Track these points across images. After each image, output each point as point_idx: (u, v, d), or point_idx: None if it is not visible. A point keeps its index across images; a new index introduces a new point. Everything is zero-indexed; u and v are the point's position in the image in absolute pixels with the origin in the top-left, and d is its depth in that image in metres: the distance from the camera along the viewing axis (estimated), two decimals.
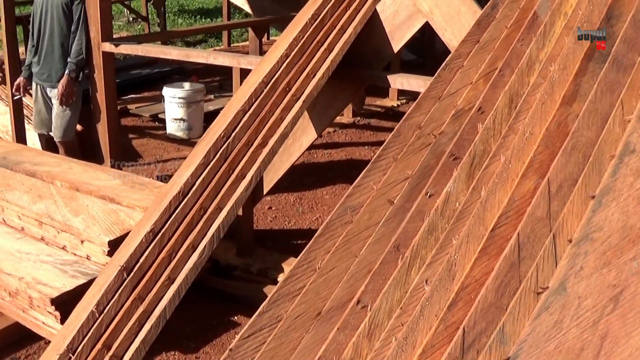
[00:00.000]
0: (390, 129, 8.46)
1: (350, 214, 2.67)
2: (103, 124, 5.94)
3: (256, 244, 4.99)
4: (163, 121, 8.58)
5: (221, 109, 8.83)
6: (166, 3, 15.30)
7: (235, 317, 4.36)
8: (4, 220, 4.58)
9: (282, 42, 4.34)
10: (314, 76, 4.09)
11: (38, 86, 6.17)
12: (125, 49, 5.70)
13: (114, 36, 6.22)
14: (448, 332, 2.14)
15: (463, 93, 3.17)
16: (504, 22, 3.60)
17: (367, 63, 4.52)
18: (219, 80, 10.57)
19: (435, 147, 2.90)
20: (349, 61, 4.31)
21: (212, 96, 9.50)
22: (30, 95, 6.53)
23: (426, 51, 11.43)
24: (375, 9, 4.46)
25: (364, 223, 2.63)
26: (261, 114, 3.94)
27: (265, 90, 4.01)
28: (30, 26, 6.25)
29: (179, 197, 3.65)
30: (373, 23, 4.45)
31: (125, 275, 3.40)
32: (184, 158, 7.41)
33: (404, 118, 3.09)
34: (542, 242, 2.28)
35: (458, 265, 2.35)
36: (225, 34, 14.99)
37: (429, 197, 2.67)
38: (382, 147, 2.98)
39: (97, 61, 5.82)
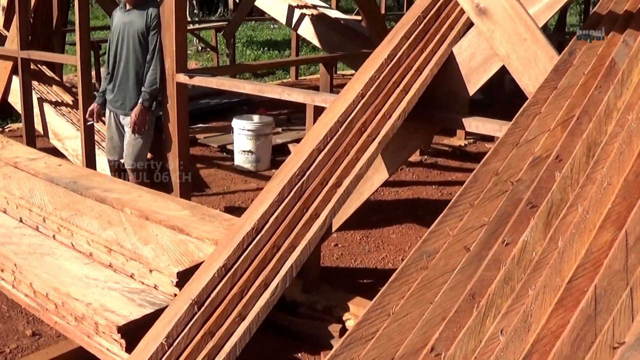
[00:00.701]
0: (457, 169, 8.48)
1: (425, 259, 2.67)
2: (174, 153, 5.99)
3: (322, 281, 4.98)
4: (231, 152, 8.66)
5: (289, 142, 9.03)
6: (235, 34, 15.44)
7: (299, 354, 4.36)
8: (73, 245, 4.63)
9: (357, 81, 4.35)
10: (389, 117, 4.09)
11: (111, 113, 6.26)
12: (200, 80, 5.76)
13: None
14: None
15: (540, 140, 3.15)
16: (581, 68, 3.59)
17: (442, 105, 4.50)
18: (287, 113, 10.64)
19: (513, 195, 2.88)
20: (423, 102, 4.31)
21: (280, 129, 9.56)
22: (103, 122, 6.62)
23: (495, 91, 11.39)
24: (452, 51, 4.46)
25: (440, 269, 2.62)
26: (336, 153, 3.94)
27: (341, 130, 4.01)
28: (107, 54, 6.34)
29: (253, 233, 3.66)
30: (449, 65, 4.44)
31: (196, 309, 3.41)
32: (251, 190, 7.54)
33: (481, 164, 3.08)
34: (619, 296, 2.25)
35: (534, 316, 2.33)
36: (293, 67, 15.13)
37: (506, 245, 2.65)
38: (459, 192, 2.97)
39: (171, 91, 5.88)
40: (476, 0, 4.12)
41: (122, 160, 6.32)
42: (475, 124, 4.29)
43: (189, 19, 16.14)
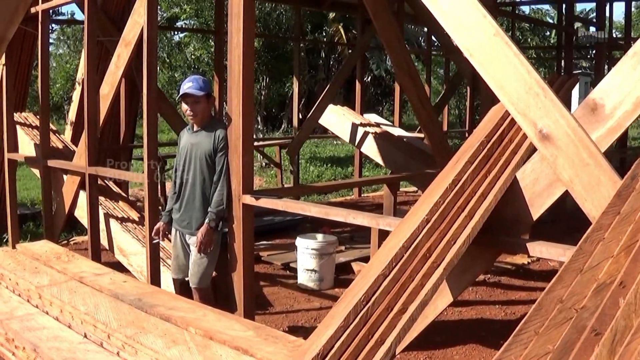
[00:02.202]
0: (521, 287, 8.40)
1: None
2: (239, 274, 6.03)
3: None
4: (294, 270, 8.69)
5: (352, 260, 9.05)
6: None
7: None
8: None
9: (422, 205, 4.39)
10: (454, 243, 4.11)
11: (177, 232, 6.35)
12: (266, 202, 5.83)
13: None
14: None
15: (604, 266, 3.15)
16: None
17: (505, 229, 4.51)
18: (349, 231, 10.68)
19: (577, 322, 2.86)
20: (487, 227, 4.32)
21: (343, 247, 9.59)
22: (169, 239, 6.71)
23: (556, 209, 11.32)
24: (515, 176, 4.49)
25: None
26: (401, 279, 3.96)
27: (406, 255, 4.04)
28: (174, 173, 6.46)
29: (318, 358, 3.67)
30: (513, 190, 4.46)
31: None
32: (314, 309, 7.55)
33: (545, 291, 3.08)
34: None
35: None
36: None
37: None
38: (523, 320, 2.96)
39: (237, 213, 5.96)
40: (539, 126, 4.17)
41: (187, 279, 6.38)
42: (539, 249, 4.28)
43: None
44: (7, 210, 9.84)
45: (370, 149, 11.44)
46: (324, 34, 32.77)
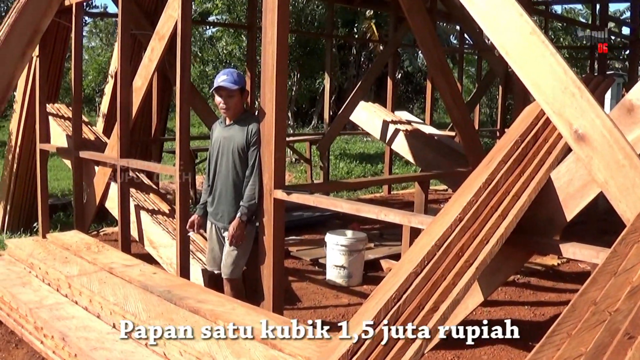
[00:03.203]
0: (550, 289, 8.35)
1: None
2: (268, 268, 6.02)
3: None
4: (323, 266, 8.69)
5: (382, 257, 9.02)
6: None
7: None
8: (165, 354, 4.70)
9: (454, 204, 4.37)
10: (487, 242, 4.08)
11: (213, 225, 6.37)
12: (297, 198, 5.82)
13: None
14: None
15: (639, 269, 3.12)
16: None
17: (538, 230, 4.48)
18: (379, 228, 10.66)
19: (610, 325, 2.84)
20: (519, 227, 4.29)
21: (372, 244, 9.57)
22: (200, 234, 6.71)
23: (588, 210, 11.25)
24: (549, 176, 4.46)
25: None
26: (433, 277, 3.94)
27: (438, 254, 4.02)
28: (207, 167, 6.48)
29: (348, 355, 3.66)
30: (547, 190, 4.43)
31: None
32: (342, 306, 7.54)
33: (579, 293, 3.06)
34: None
35: None
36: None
37: None
38: (556, 321, 2.94)
39: (268, 207, 5.96)
40: (575, 126, 4.14)
41: (217, 272, 6.39)
42: (572, 250, 4.25)
43: None
44: (38, 200, 9.91)
45: (401, 146, 11.42)
46: (356, 30, 32.72)
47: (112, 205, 8.76)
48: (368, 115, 12.81)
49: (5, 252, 7.81)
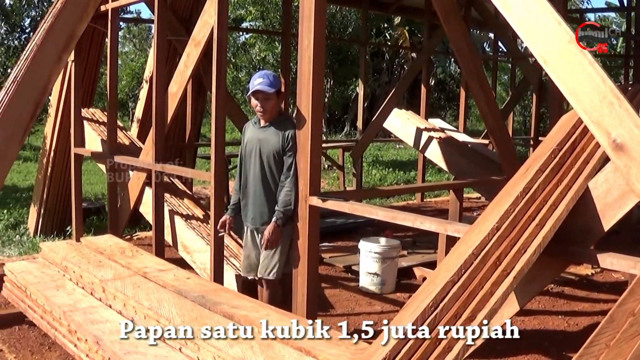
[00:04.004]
0: (584, 299, 8.29)
1: None
2: (302, 274, 6.01)
3: None
4: (356, 273, 8.68)
5: (415, 265, 9.01)
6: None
7: None
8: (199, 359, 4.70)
9: (491, 213, 4.35)
10: (524, 252, 4.07)
11: (248, 230, 6.37)
12: (333, 204, 5.81)
13: None
14: None
15: None
16: None
17: (575, 240, 4.45)
18: (412, 236, 10.63)
19: None
20: (556, 237, 4.27)
21: (405, 252, 9.55)
22: (231, 235, 6.68)
23: (621, 219, 11.17)
24: (587, 186, 4.43)
25: None
26: (470, 286, 3.93)
27: (475, 263, 4.00)
28: (238, 167, 6.45)
29: None
30: (584, 200, 4.40)
31: None
32: (376, 313, 7.52)
33: (617, 304, 3.04)
34: None
35: None
36: None
37: None
38: (595, 332, 2.93)
39: (303, 213, 5.95)
40: (613, 135, 4.10)
41: (249, 277, 6.39)
42: (609, 260, 4.21)
43: None
44: (72, 203, 9.98)
45: (434, 153, 11.40)
46: (389, 37, 32.71)
47: (146, 209, 8.80)
48: (401, 123, 12.80)
49: (39, 255, 7.87)
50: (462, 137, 12.81)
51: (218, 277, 6.99)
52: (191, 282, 6.18)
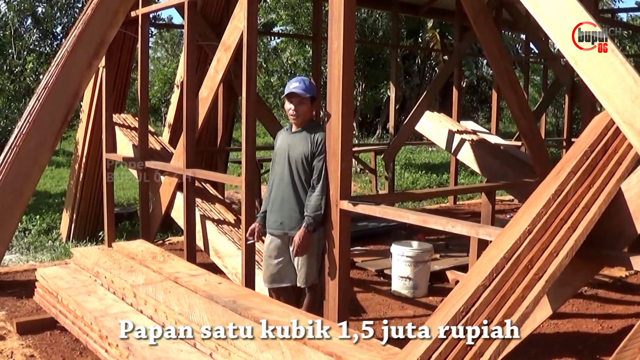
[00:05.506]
0: (618, 301, 8.20)
1: None
2: (333, 278, 6.00)
3: None
4: (388, 277, 8.66)
5: (447, 269, 8.97)
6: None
7: None
8: None
9: (523, 216, 4.31)
10: (557, 255, 4.03)
11: (270, 237, 6.35)
12: (364, 209, 5.78)
13: None
14: None
15: None
16: None
17: (607, 242, 4.40)
18: (444, 239, 10.59)
19: None
20: (588, 240, 4.22)
21: (438, 255, 9.51)
22: (263, 241, 6.69)
23: None
24: (619, 188, 4.38)
25: None
26: (502, 290, 3.89)
27: (507, 267, 3.97)
28: (270, 173, 6.45)
29: None
30: (617, 202, 4.35)
31: None
32: (408, 317, 7.48)
33: None
34: None
35: None
36: None
37: None
38: (627, 336, 2.89)
39: (334, 218, 5.93)
40: None
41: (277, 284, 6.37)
42: None
43: None
44: (104, 209, 10.04)
45: (467, 156, 11.35)
46: (420, 40, 32.63)
47: (178, 214, 8.83)
48: (434, 125, 12.76)
49: (71, 261, 7.91)
50: (494, 139, 12.74)
51: (249, 281, 7.00)
52: (222, 287, 6.18)
